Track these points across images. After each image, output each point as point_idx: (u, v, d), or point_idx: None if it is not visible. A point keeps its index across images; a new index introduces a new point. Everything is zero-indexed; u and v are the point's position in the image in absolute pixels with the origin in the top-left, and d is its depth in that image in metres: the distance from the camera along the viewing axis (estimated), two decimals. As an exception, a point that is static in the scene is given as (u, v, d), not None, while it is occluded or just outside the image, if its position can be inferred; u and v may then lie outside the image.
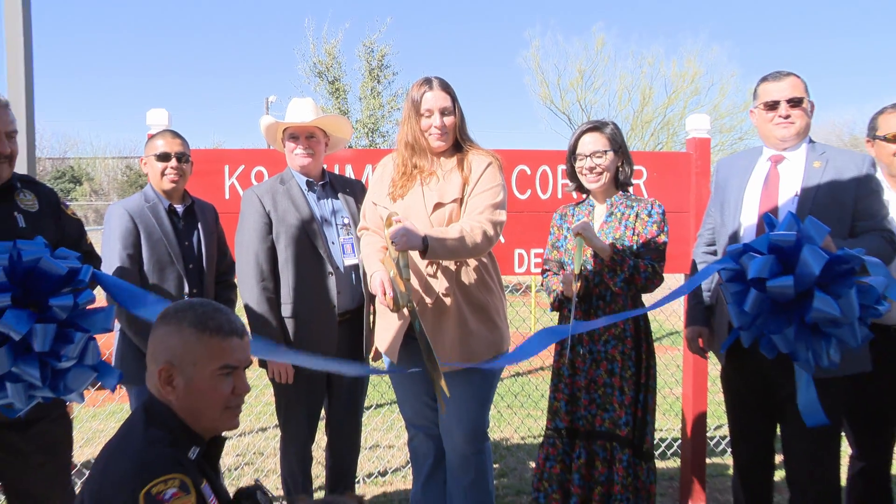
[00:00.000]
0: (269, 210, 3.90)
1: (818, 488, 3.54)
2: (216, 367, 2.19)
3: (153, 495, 1.96)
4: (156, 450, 2.07)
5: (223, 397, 2.21)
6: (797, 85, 3.55)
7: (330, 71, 23.85)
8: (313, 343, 3.88)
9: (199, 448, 2.20)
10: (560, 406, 3.69)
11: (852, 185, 3.43)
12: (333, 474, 4.28)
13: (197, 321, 2.20)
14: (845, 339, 3.00)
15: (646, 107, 29.95)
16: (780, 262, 2.96)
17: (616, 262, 3.60)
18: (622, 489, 3.57)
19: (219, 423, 2.25)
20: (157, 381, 2.18)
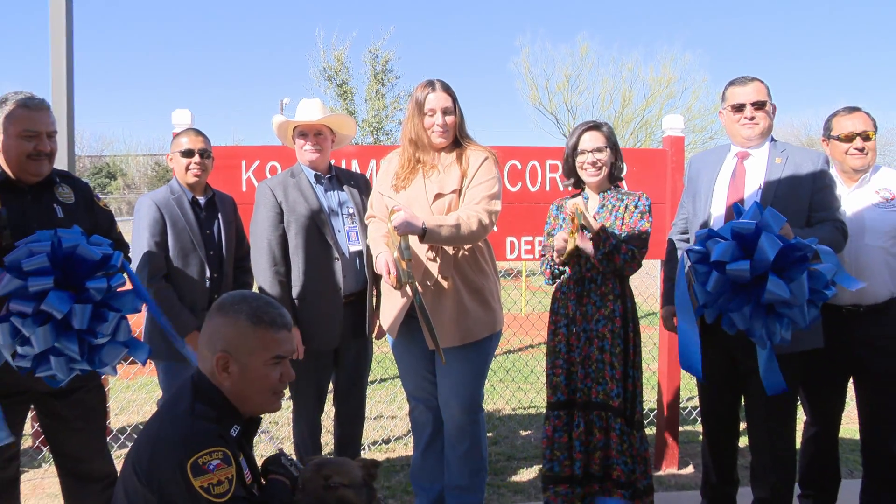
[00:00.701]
0: (281, 201, 3.94)
1: (777, 452, 3.62)
2: (269, 358, 2.25)
3: (200, 465, 2.02)
4: (203, 424, 2.13)
5: (272, 384, 2.28)
6: (761, 89, 3.61)
7: (338, 75, 23.84)
8: (320, 322, 3.93)
9: (239, 427, 2.25)
10: (560, 381, 3.72)
11: (809, 179, 3.49)
12: (341, 442, 4.32)
13: (252, 314, 2.25)
14: (796, 320, 3.07)
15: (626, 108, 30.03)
16: (741, 248, 3.02)
17: (600, 238, 3.63)
18: (619, 454, 3.62)
19: (265, 407, 2.32)
20: (214, 367, 2.22)
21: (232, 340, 2.22)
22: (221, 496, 2.01)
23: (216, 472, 2.02)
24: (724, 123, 3.77)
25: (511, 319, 8.21)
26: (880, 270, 3.64)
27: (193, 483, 1.99)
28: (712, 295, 3.14)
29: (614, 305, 3.68)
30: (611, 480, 3.64)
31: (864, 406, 3.84)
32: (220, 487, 2.02)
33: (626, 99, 30.12)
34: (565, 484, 3.69)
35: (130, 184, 41.13)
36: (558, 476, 3.70)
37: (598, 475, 3.66)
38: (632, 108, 30.07)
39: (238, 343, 2.22)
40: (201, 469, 2.01)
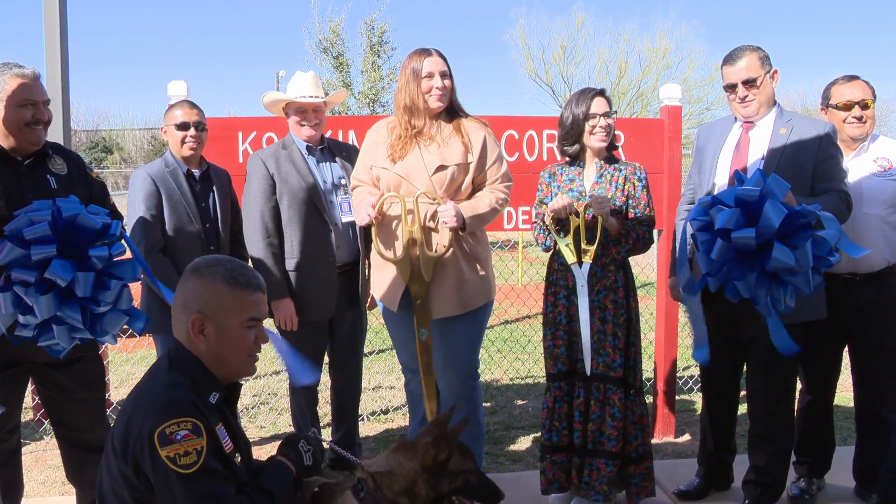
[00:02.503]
0: (273, 173, 3.93)
1: (775, 420, 3.65)
2: (245, 319, 2.24)
3: (167, 435, 1.99)
4: (175, 392, 2.10)
5: (248, 346, 2.26)
6: (752, 65, 3.56)
7: (334, 47, 23.65)
8: (315, 293, 3.95)
9: (219, 394, 2.23)
10: (561, 352, 3.71)
11: (813, 149, 3.47)
12: (338, 412, 4.36)
13: (228, 276, 2.24)
14: (800, 287, 3.06)
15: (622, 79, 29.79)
16: (745, 215, 3.00)
17: (622, 235, 3.62)
18: (614, 427, 3.62)
19: (241, 369, 2.30)
20: (189, 329, 2.20)
21: (209, 301, 2.20)
22: (188, 467, 1.98)
23: (183, 443, 1.99)
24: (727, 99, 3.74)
25: (508, 290, 8.22)
26: (876, 239, 3.64)
27: (160, 453, 1.97)
28: (716, 263, 3.13)
29: (616, 276, 3.66)
30: (601, 451, 3.65)
31: (858, 374, 3.86)
32: (187, 458, 1.99)
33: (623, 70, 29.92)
34: (562, 453, 3.71)
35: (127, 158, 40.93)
36: (556, 445, 3.71)
37: (589, 447, 3.66)
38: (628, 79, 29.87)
39: (215, 304, 2.20)
40: (168, 439, 1.98)
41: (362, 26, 23.69)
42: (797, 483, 3.96)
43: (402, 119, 3.67)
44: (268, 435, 5.17)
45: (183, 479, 1.98)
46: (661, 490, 4.04)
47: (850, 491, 3.98)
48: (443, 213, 3.51)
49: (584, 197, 3.66)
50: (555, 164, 3.89)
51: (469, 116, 3.75)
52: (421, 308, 3.63)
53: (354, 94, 23.74)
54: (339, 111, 22.04)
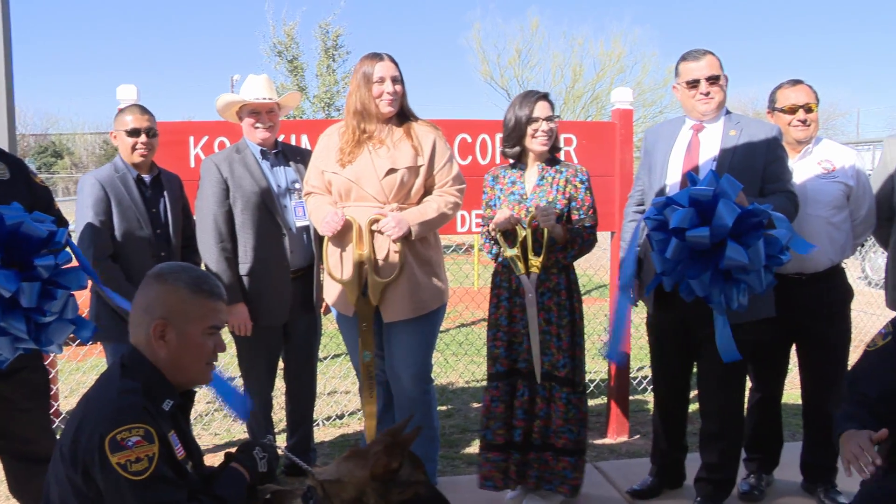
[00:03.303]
0: (227, 177, 3.89)
1: (726, 418, 3.70)
2: (207, 326, 2.23)
3: (118, 441, 1.96)
4: (127, 399, 2.06)
5: (207, 354, 2.25)
6: (714, 63, 3.62)
7: (289, 50, 23.50)
8: (269, 298, 3.93)
9: (173, 401, 2.20)
10: (500, 352, 3.73)
11: (762, 151, 3.54)
12: (292, 418, 4.33)
13: (192, 283, 2.23)
14: (752, 285, 3.12)
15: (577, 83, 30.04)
16: (698, 215, 3.04)
17: (568, 242, 3.65)
18: (564, 422, 3.65)
19: (198, 377, 2.29)
20: (150, 335, 2.17)
21: (172, 307, 2.19)
22: (139, 474, 1.95)
23: (135, 449, 1.96)
24: (679, 98, 3.77)
25: (463, 293, 8.24)
26: (821, 240, 3.70)
27: (110, 459, 1.94)
28: (671, 263, 3.17)
29: (559, 278, 3.68)
30: (555, 450, 3.67)
31: (805, 371, 3.95)
32: (138, 465, 1.96)
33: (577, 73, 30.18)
34: (497, 451, 3.73)
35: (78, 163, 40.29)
36: (490, 444, 3.73)
37: (537, 443, 3.69)
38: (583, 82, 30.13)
39: (178, 310, 2.18)
40: (119, 445, 1.95)
41: (317, 30, 23.63)
42: (747, 479, 4.02)
43: (352, 123, 3.66)
44: (222, 442, 5.11)
45: (134, 485, 1.95)
46: (615, 489, 4.08)
47: (798, 485, 4.05)
48: (384, 226, 3.52)
49: (527, 199, 3.68)
50: (498, 167, 3.91)
51: (419, 120, 3.75)
52: (367, 331, 3.65)
53: (309, 98, 23.63)
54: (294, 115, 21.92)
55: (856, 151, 3.95)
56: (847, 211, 3.81)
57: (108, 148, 37.99)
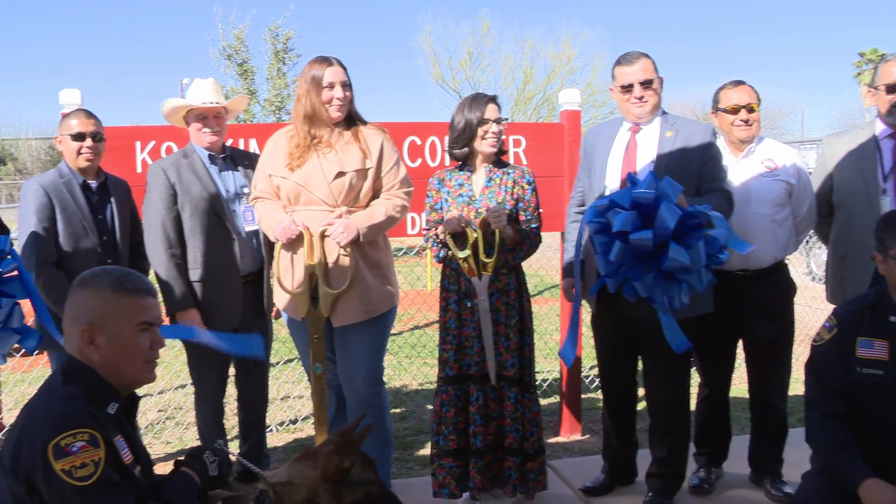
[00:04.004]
0: (175, 182, 3.86)
1: (673, 413, 3.78)
2: (136, 324, 2.18)
3: (62, 447, 1.93)
4: (70, 405, 2.03)
5: (143, 352, 2.20)
6: (648, 67, 3.68)
7: (238, 54, 23.25)
8: (220, 303, 3.91)
9: (117, 404, 2.17)
10: (449, 356, 3.74)
11: (698, 151, 3.61)
12: (245, 424, 4.31)
13: (115, 283, 2.19)
14: (694, 284, 3.18)
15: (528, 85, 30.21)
16: (640, 217, 3.09)
17: (517, 243, 3.67)
18: (512, 422, 3.67)
19: (140, 376, 2.24)
20: (80, 342, 2.14)
21: (97, 311, 2.15)
22: (84, 479, 1.92)
23: (80, 454, 1.93)
24: (616, 100, 3.83)
25: (415, 296, 8.24)
26: (765, 237, 3.80)
27: (54, 466, 1.91)
28: (614, 265, 3.22)
29: (508, 279, 3.71)
30: (502, 448, 3.70)
31: (752, 366, 4.03)
32: (84, 470, 1.93)
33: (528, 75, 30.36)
34: (449, 458, 3.72)
35: (22, 169, 39.44)
36: (442, 450, 3.73)
37: (493, 445, 3.71)
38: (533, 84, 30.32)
39: (103, 312, 2.15)
40: (63, 451, 1.92)
41: (267, 33, 23.40)
42: (697, 473, 4.09)
43: (301, 128, 3.65)
44: (174, 450, 5.06)
45: (80, 491, 1.92)
46: (568, 487, 4.12)
47: (746, 478, 4.13)
48: (332, 233, 3.53)
49: (475, 201, 3.71)
50: (444, 170, 3.92)
51: (367, 123, 3.76)
52: (318, 343, 3.65)
53: (260, 102, 23.45)
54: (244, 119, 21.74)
55: (798, 150, 4.04)
56: (789, 208, 3.89)
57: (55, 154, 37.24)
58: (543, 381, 6.02)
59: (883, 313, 2.85)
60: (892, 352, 2.79)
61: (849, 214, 3.79)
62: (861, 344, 2.84)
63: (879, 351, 2.81)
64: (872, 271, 2.92)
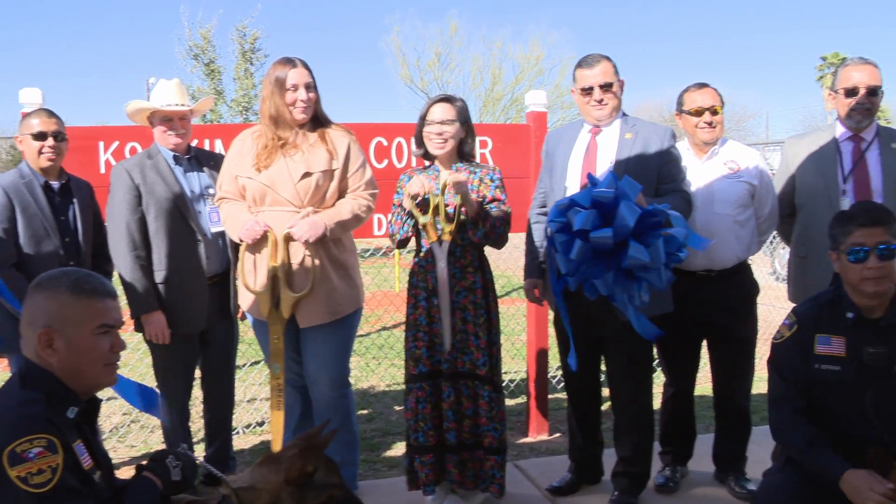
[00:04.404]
0: (139, 183, 3.82)
1: (636, 412, 3.81)
2: (95, 326, 2.15)
3: (17, 453, 1.89)
4: (27, 410, 2.00)
5: (103, 354, 2.17)
6: (607, 70, 3.71)
7: (205, 53, 23.13)
8: (185, 305, 3.87)
9: (77, 408, 2.13)
10: (422, 353, 3.73)
11: (657, 153, 3.66)
12: (211, 426, 4.27)
13: (73, 285, 2.15)
14: (653, 282, 3.21)
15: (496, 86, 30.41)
16: (600, 216, 3.11)
17: (480, 217, 3.65)
18: (488, 421, 3.68)
19: (99, 379, 2.21)
20: (37, 345, 2.10)
21: (54, 314, 2.12)
22: (41, 486, 1.89)
23: (36, 461, 1.89)
24: (576, 102, 3.87)
25: (383, 297, 8.24)
26: (728, 238, 3.85)
27: (9, 473, 1.87)
28: (574, 263, 3.24)
29: (474, 277, 3.72)
30: (482, 448, 3.71)
31: (716, 365, 4.08)
32: (41, 477, 1.89)
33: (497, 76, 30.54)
34: (429, 453, 3.73)
35: (-19, 169, 38.92)
36: (423, 446, 3.73)
37: (469, 443, 3.72)
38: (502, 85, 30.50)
39: (61, 315, 2.12)
40: (19, 458, 1.88)
41: (234, 33, 23.31)
42: (662, 472, 4.13)
43: (267, 130, 3.65)
44: (139, 454, 5.01)
45: (36, 498, 1.88)
46: (535, 487, 4.14)
47: (711, 476, 4.18)
48: (296, 233, 3.53)
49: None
50: (414, 169, 3.95)
51: (333, 125, 3.76)
52: (277, 343, 3.66)
53: (227, 102, 23.31)
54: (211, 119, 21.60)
55: (762, 152, 4.10)
56: (752, 209, 3.94)
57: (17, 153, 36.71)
58: (511, 382, 6.05)
59: (840, 310, 2.90)
60: (848, 348, 2.85)
61: (810, 215, 3.84)
62: (819, 341, 2.89)
63: (837, 347, 2.86)
64: (833, 271, 2.97)
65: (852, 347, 2.84)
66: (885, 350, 2.78)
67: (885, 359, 2.77)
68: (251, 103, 23.13)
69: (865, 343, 2.81)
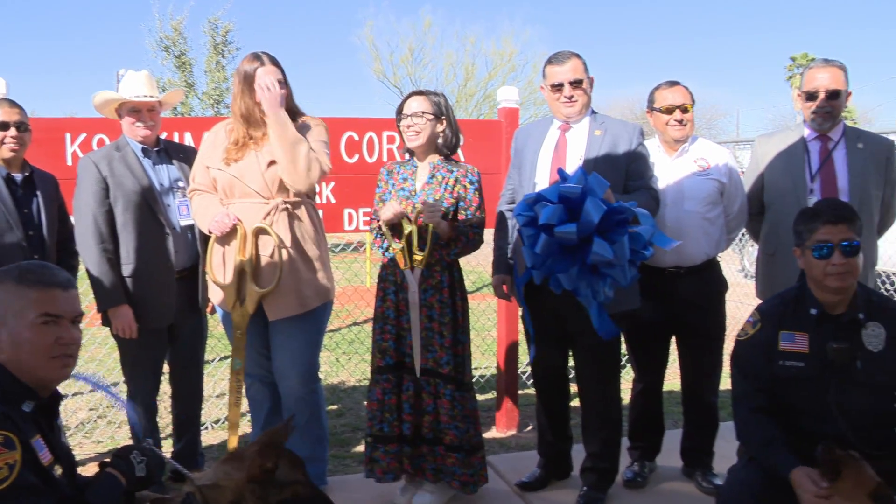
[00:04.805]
0: (106, 176, 3.78)
1: (604, 406, 3.84)
2: (35, 316, 2.09)
3: None
4: None
5: (46, 346, 2.10)
6: (577, 67, 3.73)
7: (176, 45, 22.81)
8: (153, 299, 3.83)
9: (33, 402, 2.09)
10: (389, 345, 3.73)
11: (625, 150, 3.69)
12: (179, 422, 4.24)
13: (18, 276, 2.12)
14: (617, 279, 3.24)
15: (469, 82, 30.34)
16: (567, 211, 3.13)
17: (451, 240, 3.66)
18: (450, 419, 3.68)
19: (48, 373, 2.14)
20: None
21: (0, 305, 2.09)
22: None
23: None
24: (546, 99, 3.88)
25: (353, 292, 8.20)
26: (697, 235, 3.89)
27: None
28: (540, 257, 3.26)
29: (441, 276, 3.71)
30: (443, 445, 3.71)
31: (684, 361, 4.11)
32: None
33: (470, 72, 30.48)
34: (393, 443, 3.74)
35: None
36: (387, 436, 3.74)
37: (429, 437, 3.73)
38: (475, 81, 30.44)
39: (4, 306, 2.08)
40: None
41: (206, 25, 22.98)
42: (631, 467, 4.16)
43: (239, 127, 3.66)
44: (105, 450, 4.95)
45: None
46: (505, 482, 4.15)
47: (678, 471, 4.21)
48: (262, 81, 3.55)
49: (415, 196, 3.71)
50: (393, 162, 3.93)
51: (305, 116, 3.76)
52: (241, 339, 3.65)
53: (198, 95, 23.09)
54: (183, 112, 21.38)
55: (733, 150, 4.13)
56: (721, 207, 3.98)
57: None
58: (481, 378, 6.05)
59: (804, 307, 2.93)
60: (812, 344, 2.88)
61: (778, 213, 3.88)
62: (783, 337, 2.93)
63: (800, 343, 2.90)
64: (800, 268, 3.00)
65: (815, 344, 2.87)
66: (848, 345, 2.81)
67: (847, 354, 2.81)
68: (223, 96, 22.90)
69: (828, 339, 2.84)
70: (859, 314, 2.85)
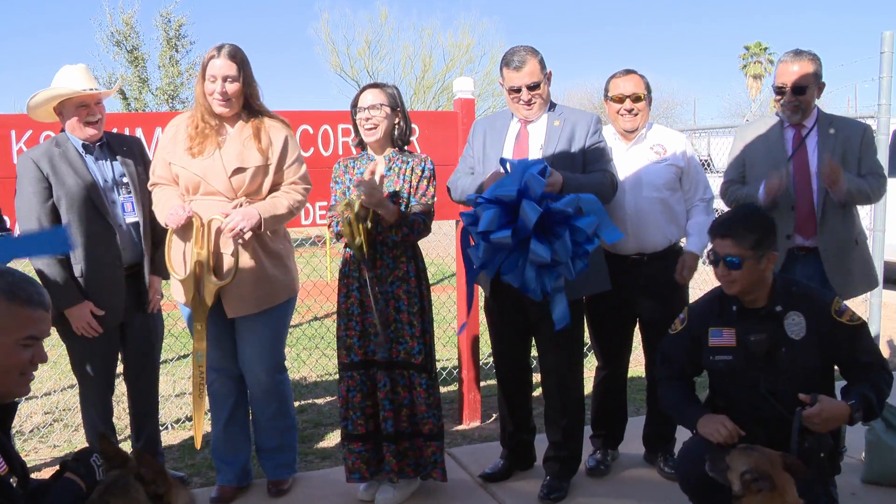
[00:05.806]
0: (48, 174, 3.66)
1: (566, 395, 3.84)
2: (21, 337, 2.02)
3: None
4: None
5: (21, 365, 2.04)
6: (534, 70, 3.69)
7: (128, 40, 22.50)
8: (102, 298, 3.73)
9: None
10: (353, 342, 3.70)
11: (583, 138, 3.72)
12: (136, 421, 4.14)
13: (7, 289, 2.01)
14: (563, 273, 3.28)
15: (426, 73, 30.38)
16: (507, 212, 3.17)
17: (394, 225, 3.60)
18: (427, 408, 3.69)
19: (13, 389, 2.09)
20: None
21: None
22: None
23: None
24: (505, 98, 3.83)
25: (312, 286, 8.11)
26: (657, 221, 3.91)
27: None
28: (482, 259, 3.32)
29: (407, 266, 3.69)
30: (422, 436, 3.71)
31: (647, 347, 4.13)
32: None
33: (427, 64, 30.51)
34: (358, 442, 3.72)
35: None
36: (352, 434, 3.73)
37: (407, 431, 3.71)
38: (432, 73, 30.49)
39: None
40: None
41: (158, 19, 22.74)
42: (594, 455, 4.17)
43: (198, 115, 3.63)
44: (62, 454, 4.85)
45: None
46: (468, 474, 4.14)
47: (640, 458, 4.24)
48: (230, 222, 3.48)
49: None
50: (349, 157, 3.88)
51: (270, 115, 3.72)
52: (201, 331, 3.63)
53: (152, 91, 22.80)
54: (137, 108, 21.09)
55: (689, 137, 4.16)
56: (680, 193, 4.00)
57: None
58: (443, 369, 6.03)
59: (728, 303, 3.15)
60: (738, 338, 3.10)
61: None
62: (712, 334, 3.16)
63: (727, 338, 3.13)
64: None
65: (740, 337, 3.09)
66: (765, 336, 3.03)
67: (765, 344, 3.03)
68: (177, 91, 22.68)
69: (750, 332, 3.05)
70: (777, 307, 3.06)
